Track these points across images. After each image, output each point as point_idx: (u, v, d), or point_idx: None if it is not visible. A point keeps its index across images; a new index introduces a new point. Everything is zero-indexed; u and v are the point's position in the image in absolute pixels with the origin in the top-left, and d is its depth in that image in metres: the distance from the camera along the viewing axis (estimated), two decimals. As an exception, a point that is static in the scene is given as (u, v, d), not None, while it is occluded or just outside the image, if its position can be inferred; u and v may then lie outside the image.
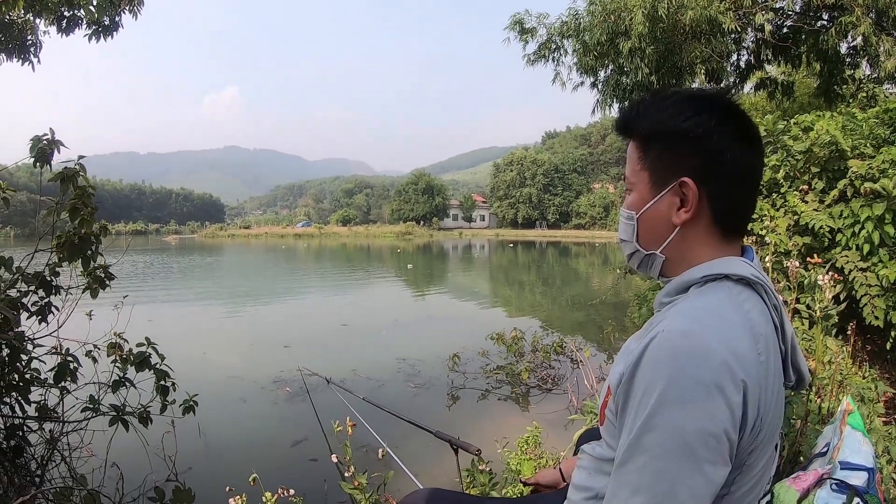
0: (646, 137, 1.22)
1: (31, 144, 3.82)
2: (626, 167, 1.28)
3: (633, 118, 1.25)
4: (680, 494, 0.99)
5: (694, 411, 0.99)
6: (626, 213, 1.27)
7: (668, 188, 1.19)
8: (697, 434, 0.99)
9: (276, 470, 4.33)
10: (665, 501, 1.00)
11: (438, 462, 4.58)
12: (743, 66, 12.20)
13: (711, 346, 1.02)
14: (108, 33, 6.31)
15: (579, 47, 11.79)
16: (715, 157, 1.16)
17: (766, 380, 1.08)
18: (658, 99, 1.24)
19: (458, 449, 2.87)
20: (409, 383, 7.88)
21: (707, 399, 0.99)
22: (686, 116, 1.17)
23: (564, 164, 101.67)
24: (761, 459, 1.13)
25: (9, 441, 3.78)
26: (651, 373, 1.05)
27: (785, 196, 5.10)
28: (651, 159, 1.21)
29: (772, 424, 1.11)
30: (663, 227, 1.22)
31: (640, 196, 1.23)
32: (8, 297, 3.72)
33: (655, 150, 1.21)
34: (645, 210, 1.23)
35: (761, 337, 1.09)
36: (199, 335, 11.75)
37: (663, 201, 1.21)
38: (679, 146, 1.18)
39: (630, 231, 1.26)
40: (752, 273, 1.16)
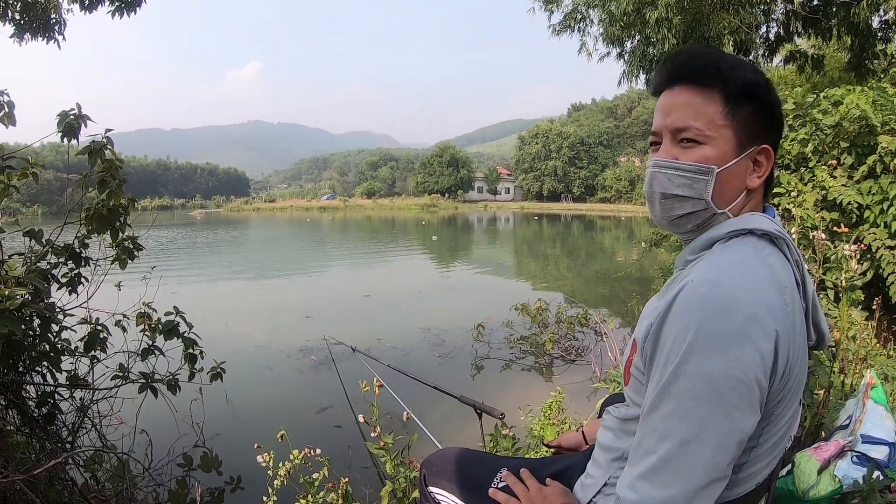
0: (740, 93, 1.19)
1: (59, 119, 3.86)
2: (690, 115, 1.20)
3: (728, 70, 1.19)
4: (707, 440, 1.00)
5: (724, 358, 1.00)
6: (697, 167, 1.19)
7: (749, 150, 1.21)
8: (727, 380, 1.00)
9: (302, 435, 4.40)
10: (692, 447, 1.01)
11: (462, 427, 4.63)
12: (772, 38, 11.88)
13: (740, 297, 1.03)
14: (131, 9, 6.31)
15: (605, 17, 11.60)
16: (780, 132, 1.27)
17: (793, 330, 1.09)
18: (736, 59, 1.23)
19: (481, 413, 2.90)
20: (433, 352, 7.92)
21: (737, 346, 1.00)
22: (771, 89, 1.22)
23: (590, 137, 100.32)
24: (788, 411, 1.14)
25: (40, 409, 3.87)
26: (680, 321, 1.06)
27: (813, 170, 5.03)
28: (741, 118, 1.19)
29: (798, 376, 1.12)
30: (738, 188, 1.22)
31: (720, 152, 1.19)
32: (38, 269, 3.79)
33: (747, 109, 1.19)
34: (726, 167, 1.19)
35: (786, 289, 1.11)
36: (225, 307, 11.87)
37: (742, 162, 1.20)
38: (769, 113, 1.22)
39: (702, 186, 1.19)
40: (775, 228, 1.18)
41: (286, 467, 2.80)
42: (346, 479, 2.91)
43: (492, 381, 6.92)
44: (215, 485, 4.45)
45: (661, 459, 1.04)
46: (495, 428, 3.32)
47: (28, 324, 3.55)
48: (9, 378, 3.51)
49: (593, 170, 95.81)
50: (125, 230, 4.20)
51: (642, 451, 1.09)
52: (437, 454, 1.88)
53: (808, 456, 2.10)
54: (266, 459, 2.85)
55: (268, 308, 11.58)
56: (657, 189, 1.25)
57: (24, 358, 3.70)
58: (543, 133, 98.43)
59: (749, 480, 1.17)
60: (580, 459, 1.61)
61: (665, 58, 1.28)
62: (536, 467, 1.69)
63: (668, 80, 1.25)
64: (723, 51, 1.26)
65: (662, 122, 1.24)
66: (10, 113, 3.80)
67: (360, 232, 41.57)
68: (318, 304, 12.04)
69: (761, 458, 1.16)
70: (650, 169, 1.26)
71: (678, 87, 1.23)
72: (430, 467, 1.81)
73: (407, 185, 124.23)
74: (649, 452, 1.07)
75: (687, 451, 1.01)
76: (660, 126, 1.25)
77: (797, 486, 2.02)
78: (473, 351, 7.98)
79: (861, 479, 1.88)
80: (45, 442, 3.83)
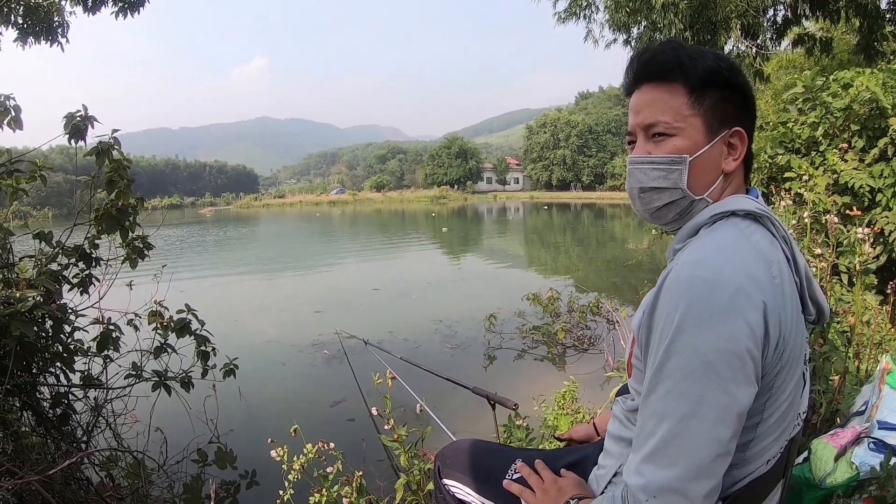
0: (703, 83, 1.23)
1: (66, 121, 3.87)
2: (657, 111, 1.25)
3: (687, 61, 1.23)
4: (706, 414, 1.02)
5: (713, 332, 1.02)
6: (669, 158, 1.24)
7: (721, 135, 1.25)
8: (718, 354, 1.01)
9: (316, 429, 4.41)
10: (691, 423, 1.02)
11: (475, 419, 4.63)
12: (780, 21, 11.78)
13: (725, 272, 1.06)
14: (135, 9, 6.33)
15: (611, 3, 11.56)
16: (754, 113, 1.31)
17: (783, 301, 1.11)
18: (696, 49, 1.27)
19: (495, 404, 2.90)
20: (445, 344, 7.92)
21: (726, 320, 1.02)
22: (736, 72, 1.26)
23: (598, 125, 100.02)
24: (789, 383, 1.16)
25: (55, 409, 3.90)
26: (669, 303, 1.09)
27: (824, 154, 4.99)
28: (707, 106, 1.23)
29: (795, 348, 1.14)
30: (713, 173, 1.26)
31: (691, 141, 1.23)
32: (49, 271, 3.81)
33: (712, 96, 1.23)
34: (699, 155, 1.23)
35: (773, 263, 1.13)
36: (236, 303, 11.91)
37: (715, 148, 1.24)
38: (737, 97, 1.26)
39: (676, 176, 1.24)
40: (757, 207, 1.22)
41: (300, 461, 2.81)
42: (360, 472, 2.91)
43: (504, 371, 6.92)
44: (230, 480, 4.47)
45: (663, 440, 1.05)
46: (509, 419, 3.32)
47: (40, 325, 3.56)
48: (22, 380, 3.53)
49: (602, 158, 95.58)
50: (135, 230, 4.21)
51: (644, 435, 1.10)
52: (450, 446, 1.89)
53: (824, 443, 2.09)
54: (280, 454, 2.86)
55: (279, 304, 11.61)
56: (635, 184, 1.31)
57: (37, 359, 3.73)
58: (551, 122, 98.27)
59: (759, 458, 1.18)
60: (594, 450, 1.62)
61: (629, 60, 1.33)
62: (550, 458, 1.70)
63: (634, 81, 1.30)
64: (682, 43, 1.30)
65: (634, 120, 1.30)
66: (16, 117, 3.81)
67: (371, 225, 41.62)
68: (330, 299, 12.04)
69: (768, 434, 1.17)
70: (629, 167, 1.31)
71: (644, 85, 1.28)
72: (445, 459, 1.83)
73: (416, 177, 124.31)
74: (650, 435, 1.08)
75: (686, 428, 1.03)
76: (633, 125, 1.30)
77: (814, 473, 2.00)
78: (486, 342, 7.96)
79: (878, 465, 1.87)
80: (59, 442, 3.85)
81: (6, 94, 3.82)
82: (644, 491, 1.07)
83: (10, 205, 3.87)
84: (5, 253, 4.02)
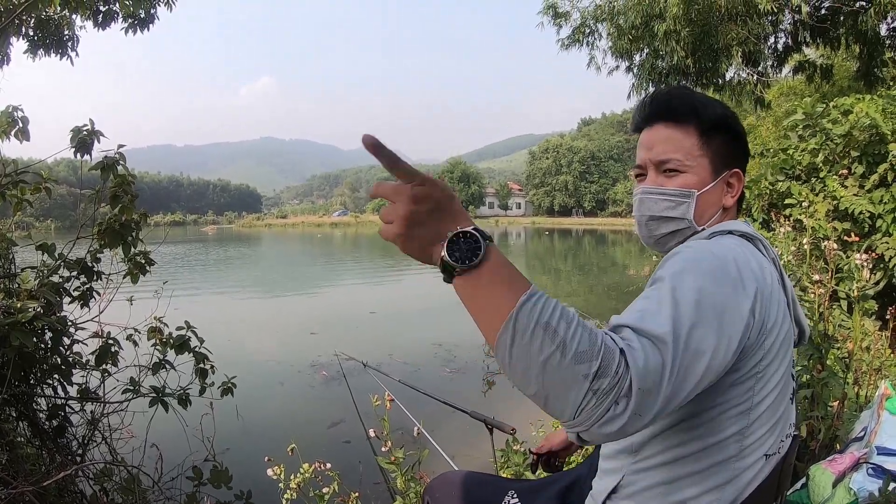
0: (712, 127, 1.35)
1: (72, 135, 3.91)
2: (671, 149, 1.35)
3: (701, 107, 1.34)
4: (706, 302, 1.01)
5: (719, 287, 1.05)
6: (680, 192, 1.34)
7: (723, 175, 1.37)
8: (709, 296, 1.02)
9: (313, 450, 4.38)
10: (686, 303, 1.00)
11: (473, 444, 4.60)
12: (780, 48, 11.85)
13: (728, 255, 1.13)
14: (144, 26, 6.38)
15: (614, 31, 11.65)
16: (747, 158, 1.45)
17: (770, 297, 1.15)
18: (705, 97, 1.40)
19: (492, 429, 2.89)
20: (444, 368, 7.92)
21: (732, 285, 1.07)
22: (737, 120, 1.40)
23: (601, 152, 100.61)
24: (776, 373, 1.19)
25: (51, 421, 3.88)
26: (672, 261, 1.13)
27: (824, 180, 5.01)
28: (714, 148, 1.35)
29: (781, 341, 1.18)
30: (714, 207, 1.38)
31: (699, 178, 1.34)
32: (50, 283, 3.81)
33: (718, 140, 1.36)
34: (705, 191, 1.35)
35: (765, 269, 1.18)
36: (236, 323, 11.88)
37: (718, 185, 1.37)
38: (737, 142, 1.39)
39: (685, 208, 1.35)
40: (751, 230, 1.33)
41: (296, 480, 2.80)
42: (356, 493, 2.90)
43: (503, 396, 6.87)
44: (225, 499, 4.44)
45: (652, 306, 1.01)
46: (507, 443, 3.31)
47: (40, 337, 3.56)
48: (20, 390, 3.52)
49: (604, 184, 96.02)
50: (137, 245, 4.22)
51: (625, 314, 1.04)
52: (440, 478, 1.86)
53: (822, 469, 2.08)
54: (277, 472, 2.85)
55: (278, 324, 11.62)
56: (645, 212, 1.40)
57: (35, 370, 3.72)
58: (554, 148, 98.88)
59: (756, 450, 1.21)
60: (586, 471, 1.63)
61: (642, 101, 1.45)
62: (543, 485, 1.71)
63: (647, 119, 1.41)
64: (693, 90, 1.46)
65: (647, 155, 1.39)
66: (24, 128, 3.84)
67: (372, 248, 41.60)
68: (329, 321, 12.03)
69: (761, 424, 1.20)
70: (639, 195, 1.41)
71: (658, 124, 1.38)
72: (433, 493, 1.81)
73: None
74: (633, 310, 1.04)
75: (680, 301, 1.00)
76: (644, 160, 1.40)
77: (812, 499, 2.00)
78: (485, 366, 7.94)
79: (877, 491, 1.86)
80: (55, 454, 3.84)
81: (14, 106, 3.85)
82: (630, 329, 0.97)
83: (14, 215, 3.89)
84: (7, 263, 4.03)
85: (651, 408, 0.88)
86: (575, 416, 0.85)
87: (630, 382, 0.85)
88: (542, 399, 0.87)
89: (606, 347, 0.86)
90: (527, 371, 0.86)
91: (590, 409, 0.84)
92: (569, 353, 0.84)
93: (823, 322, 3.11)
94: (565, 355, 0.84)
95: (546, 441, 2.05)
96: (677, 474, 1.21)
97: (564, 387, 0.84)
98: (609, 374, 0.84)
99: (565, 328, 0.86)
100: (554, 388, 0.85)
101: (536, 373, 0.85)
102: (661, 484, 1.23)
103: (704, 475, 1.19)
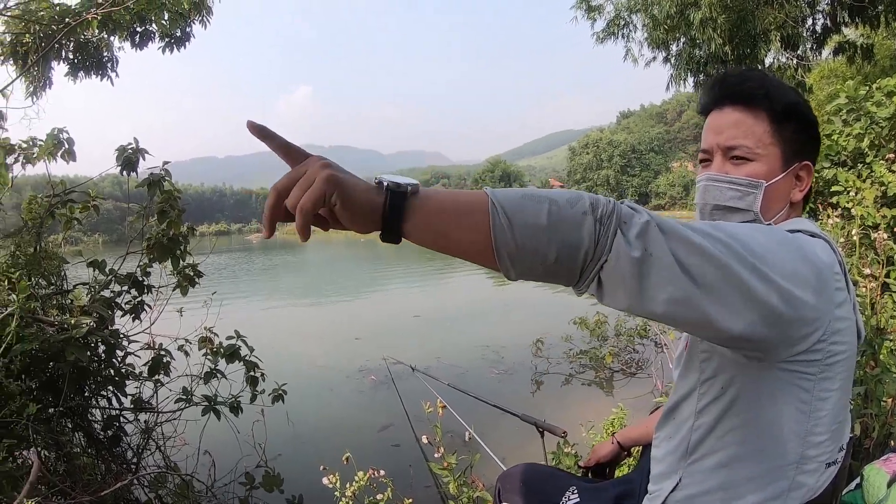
0: (784, 114, 1.25)
1: (117, 154, 4.01)
2: (741, 135, 1.26)
3: (774, 91, 1.26)
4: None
5: (780, 243, 0.99)
6: (748, 181, 1.26)
7: (793, 167, 1.29)
8: (775, 248, 0.96)
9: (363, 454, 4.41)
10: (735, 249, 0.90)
11: (523, 446, 4.58)
12: (819, 30, 11.63)
13: (804, 246, 1.05)
14: (181, 44, 6.49)
15: (649, 22, 11.54)
16: (818, 149, 1.35)
17: (846, 298, 1.10)
18: (779, 81, 1.31)
19: (543, 432, 2.88)
20: (492, 369, 7.87)
21: (794, 247, 1.01)
22: (810, 108, 1.30)
23: (641, 144, 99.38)
24: (838, 375, 1.12)
25: (106, 431, 3.99)
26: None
27: (871, 166, 4.86)
28: (786, 137, 1.26)
29: (847, 342, 1.11)
30: (782, 201, 1.30)
31: (768, 168, 1.26)
32: (102, 298, 3.91)
33: (790, 128, 1.26)
34: (773, 182, 1.26)
35: (836, 263, 1.12)
36: (284, 329, 12.02)
37: (787, 178, 1.28)
38: (809, 132, 1.30)
39: (752, 199, 1.26)
40: (819, 231, 1.21)
41: (352, 489, 2.82)
42: (409, 500, 2.92)
43: (552, 396, 6.86)
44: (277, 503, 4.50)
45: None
46: (558, 446, 3.30)
47: (94, 350, 3.65)
48: (75, 402, 3.61)
49: (646, 177, 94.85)
50: (186, 258, 4.30)
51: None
52: (511, 470, 1.93)
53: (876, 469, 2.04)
54: (332, 481, 2.87)
55: (325, 330, 11.71)
56: (710, 200, 1.30)
57: (90, 382, 3.82)
58: (594, 142, 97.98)
59: (816, 458, 1.15)
60: (639, 477, 1.65)
61: (713, 80, 1.35)
62: (603, 486, 1.76)
63: (717, 101, 1.32)
64: (766, 73, 1.35)
65: (714, 140, 1.30)
66: (70, 150, 3.94)
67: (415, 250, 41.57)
68: (375, 325, 12.08)
69: (822, 430, 1.13)
70: (703, 182, 1.31)
71: (727, 107, 1.29)
72: (505, 483, 1.89)
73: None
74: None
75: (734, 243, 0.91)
76: (711, 144, 1.31)
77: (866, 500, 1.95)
78: (533, 367, 7.89)
79: (936, 490, 1.81)
80: (110, 463, 3.93)
81: (59, 128, 3.95)
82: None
83: (65, 233, 3.99)
84: (60, 280, 4.14)
85: (657, 238, 0.86)
86: (595, 248, 0.85)
87: (622, 209, 0.87)
88: (564, 252, 0.85)
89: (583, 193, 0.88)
90: (536, 239, 0.84)
91: (603, 237, 0.84)
92: (561, 202, 0.85)
93: (876, 315, 3.04)
94: (559, 205, 0.85)
95: (593, 454, 2.09)
96: (735, 478, 1.17)
97: (575, 227, 0.84)
98: (601, 203, 0.85)
99: (541, 190, 0.88)
100: (568, 235, 0.84)
101: (547, 234, 0.84)
102: (719, 489, 1.19)
103: (764, 481, 1.14)
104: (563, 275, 0.88)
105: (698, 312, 0.88)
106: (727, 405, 1.16)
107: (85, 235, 40.81)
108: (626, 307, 0.89)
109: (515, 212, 0.84)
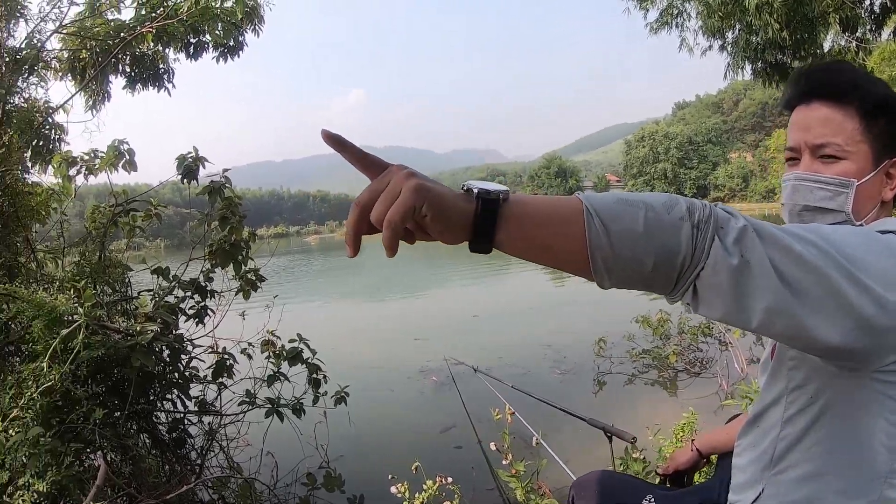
0: (875, 108, 1.17)
1: (178, 162, 4.08)
2: (830, 132, 1.19)
3: (864, 84, 1.19)
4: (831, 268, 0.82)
5: (874, 247, 0.88)
6: (839, 181, 1.19)
7: (884, 164, 1.20)
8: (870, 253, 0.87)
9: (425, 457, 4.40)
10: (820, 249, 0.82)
11: (588, 450, 4.50)
12: (878, 10, 11.18)
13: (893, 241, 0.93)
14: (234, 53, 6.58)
15: (703, 9, 11.26)
16: None
17: None
18: (868, 73, 1.25)
19: (612, 436, 2.82)
20: (554, 370, 7.80)
21: (889, 251, 0.89)
22: None
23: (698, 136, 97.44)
24: None
25: (171, 434, 4.08)
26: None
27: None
28: (876, 133, 1.18)
29: None
30: (873, 200, 1.22)
31: (859, 166, 1.18)
32: (167, 303, 3.98)
33: (881, 124, 1.18)
34: (864, 181, 1.19)
35: None
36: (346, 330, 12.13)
37: (877, 176, 1.20)
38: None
39: (843, 199, 1.19)
40: None
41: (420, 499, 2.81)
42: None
43: (615, 397, 6.76)
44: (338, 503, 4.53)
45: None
46: (626, 451, 3.23)
47: (158, 355, 3.72)
48: (141, 406, 3.68)
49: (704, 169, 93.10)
50: (247, 263, 4.35)
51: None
52: (585, 477, 1.92)
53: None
54: (401, 490, 2.87)
55: (385, 330, 11.78)
56: (799, 201, 1.24)
57: (155, 386, 3.89)
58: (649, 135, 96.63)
59: None
60: (717, 485, 1.63)
61: (800, 73, 1.28)
62: (680, 495, 1.76)
63: (803, 95, 1.24)
64: (854, 65, 1.27)
65: (802, 137, 1.23)
66: (130, 160, 4.03)
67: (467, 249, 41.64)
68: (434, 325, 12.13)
69: None
70: (791, 181, 1.25)
71: (815, 102, 1.21)
72: (580, 490, 1.88)
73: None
74: None
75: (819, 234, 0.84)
76: (798, 142, 1.24)
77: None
78: (595, 366, 7.78)
79: None
80: (175, 464, 4.00)
81: (120, 139, 4.04)
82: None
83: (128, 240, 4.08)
84: (124, 286, 4.23)
85: (754, 244, 0.79)
86: (692, 255, 0.78)
87: (719, 213, 0.80)
88: (661, 259, 0.79)
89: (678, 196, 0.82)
90: (634, 246, 0.79)
91: (701, 242, 0.78)
92: (657, 207, 0.79)
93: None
94: (656, 210, 0.79)
95: (671, 461, 2.05)
96: (821, 491, 1.10)
97: (673, 233, 0.78)
98: (697, 207, 0.79)
99: (633, 194, 0.82)
100: (666, 241, 0.78)
101: (644, 241, 0.78)
102: (804, 501, 1.12)
103: (851, 495, 1.07)
104: (658, 282, 0.82)
105: (795, 323, 0.81)
106: (816, 415, 1.09)
107: (147, 241, 41.90)
108: (721, 316, 0.83)
109: (612, 218, 0.79)
